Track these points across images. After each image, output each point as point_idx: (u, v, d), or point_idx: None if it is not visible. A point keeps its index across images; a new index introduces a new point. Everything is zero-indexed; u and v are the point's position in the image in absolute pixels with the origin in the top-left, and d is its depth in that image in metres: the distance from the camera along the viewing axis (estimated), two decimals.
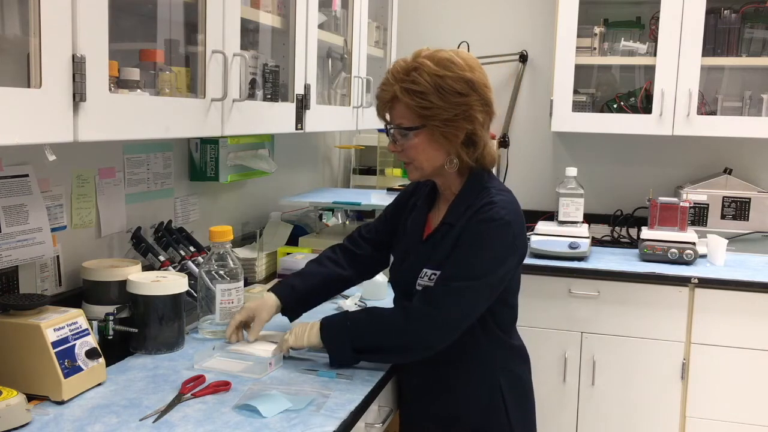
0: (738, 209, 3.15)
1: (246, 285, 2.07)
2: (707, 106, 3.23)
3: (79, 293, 1.79)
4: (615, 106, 3.28)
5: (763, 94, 3.14)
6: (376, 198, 2.84)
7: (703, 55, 3.01)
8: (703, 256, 2.99)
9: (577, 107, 3.25)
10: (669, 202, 3.01)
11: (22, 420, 1.31)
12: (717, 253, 2.91)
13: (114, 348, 1.66)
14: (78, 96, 1.24)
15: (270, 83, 2.04)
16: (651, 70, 3.11)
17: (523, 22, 3.55)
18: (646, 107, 3.16)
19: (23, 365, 1.41)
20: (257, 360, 1.66)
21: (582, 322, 2.87)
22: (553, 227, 3.01)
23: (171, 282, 1.73)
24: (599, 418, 2.90)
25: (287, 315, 1.83)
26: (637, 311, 2.81)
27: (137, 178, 2.06)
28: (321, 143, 3.45)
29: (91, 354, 1.47)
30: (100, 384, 1.50)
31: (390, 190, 3.06)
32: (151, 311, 1.70)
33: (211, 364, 1.66)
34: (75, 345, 1.45)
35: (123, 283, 1.73)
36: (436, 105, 1.56)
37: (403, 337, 1.62)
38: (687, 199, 3.06)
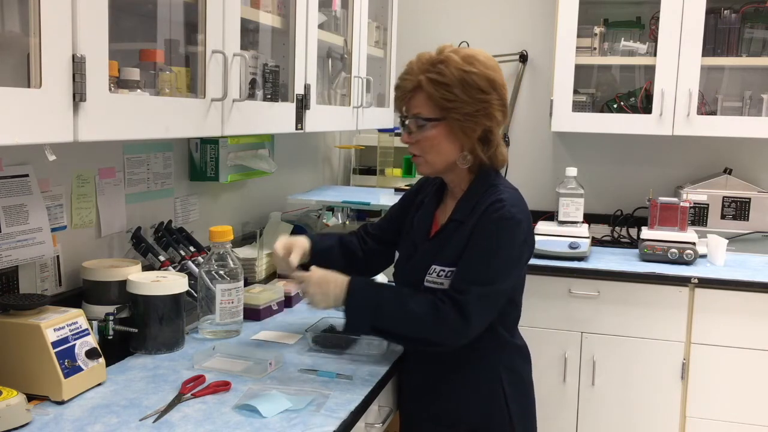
0: (738, 209, 3.15)
1: (246, 285, 2.07)
2: (707, 106, 3.23)
3: (79, 293, 1.79)
4: (615, 106, 3.28)
5: (763, 94, 3.14)
6: (384, 198, 2.83)
7: (703, 55, 3.01)
8: (703, 256, 2.99)
9: (577, 107, 3.25)
10: (669, 202, 3.01)
11: (22, 420, 1.31)
12: (717, 253, 2.91)
13: (114, 348, 1.66)
14: (78, 96, 1.24)
15: (270, 83, 2.04)
16: (651, 70, 3.11)
17: (523, 22, 3.55)
18: (646, 107, 3.16)
19: (23, 365, 1.41)
20: (257, 360, 1.67)
21: (582, 322, 2.87)
22: (553, 227, 3.01)
23: (171, 282, 1.74)
24: (599, 418, 2.90)
25: (307, 261, 1.82)
26: (637, 311, 2.81)
27: (137, 178, 2.06)
28: (321, 143, 3.45)
29: (91, 354, 1.47)
30: (100, 384, 1.51)
31: (398, 190, 3.05)
32: (151, 311, 1.70)
33: (211, 364, 1.66)
34: (75, 345, 1.45)
35: (123, 283, 1.73)
36: (459, 98, 1.58)
37: (426, 334, 1.61)
38: (687, 199, 3.06)
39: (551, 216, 3.16)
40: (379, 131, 3.48)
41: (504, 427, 1.70)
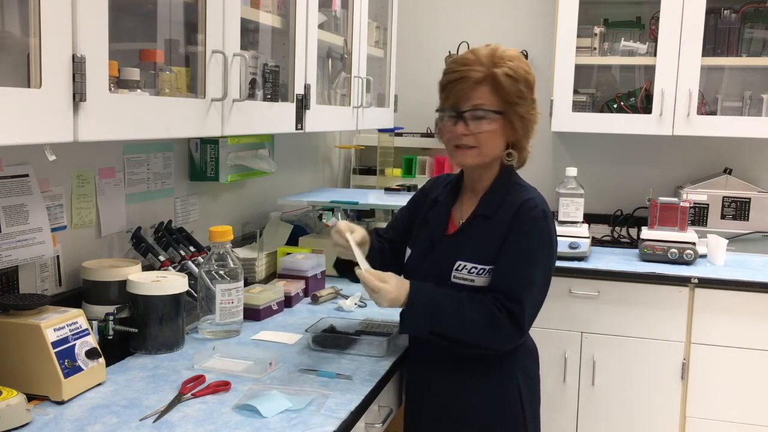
0: (738, 209, 3.15)
1: (246, 285, 2.07)
2: (707, 106, 3.23)
3: (79, 293, 1.79)
4: (615, 106, 3.28)
5: (763, 94, 3.14)
6: (373, 198, 2.84)
7: (703, 55, 3.01)
8: (703, 256, 2.99)
9: (577, 107, 3.25)
10: (669, 202, 3.01)
11: (22, 420, 1.31)
12: (717, 253, 2.91)
13: (114, 348, 1.66)
14: (78, 96, 1.24)
15: (270, 83, 2.04)
16: (651, 70, 3.11)
17: (523, 22, 3.55)
18: (646, 107, 3.16)
19: (23, 365, 1.41)
20: (257, 360, 1.67)
21: (582, 322, 2.87)
22: None
23: (171, 282, 1.74)
24: (599, 418, 2.90)
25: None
26: (637, 311, 2.81)
27: (137, 178, 2.06)
28: (321, 143, 3.45)
29: (91, 354, 1.47)
30: (100, 384, 1.51)
31: (388, 190, 3.06)
32: (151, 311, 1.70)
33: (211, 364, 1.66)
34: (75, 345, 1.45)
35: (123, 283, 1.73)
36: (524, 95, 1.64)
37: (480, 341, 1.64)
38: (687, 199, 3.06)
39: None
40: (379, 131, 3.47)
41: (518, 428, 1.71)
